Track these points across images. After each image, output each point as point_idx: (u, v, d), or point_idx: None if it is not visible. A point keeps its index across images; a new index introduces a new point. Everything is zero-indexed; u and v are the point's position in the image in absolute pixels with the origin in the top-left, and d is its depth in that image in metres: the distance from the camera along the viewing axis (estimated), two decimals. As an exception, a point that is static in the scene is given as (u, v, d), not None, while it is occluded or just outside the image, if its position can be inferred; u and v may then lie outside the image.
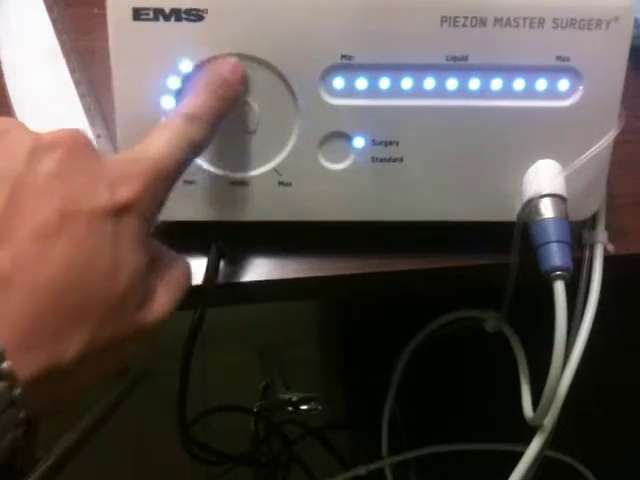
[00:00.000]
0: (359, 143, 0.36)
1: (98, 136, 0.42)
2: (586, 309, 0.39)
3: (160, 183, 0.29)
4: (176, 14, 0.33)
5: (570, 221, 0.35)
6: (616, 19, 0.34)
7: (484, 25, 0.34)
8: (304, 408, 0.74)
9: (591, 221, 0.40)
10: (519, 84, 0.36)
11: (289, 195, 0.37)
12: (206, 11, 0.33)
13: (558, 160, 0.36)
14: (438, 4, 0.34)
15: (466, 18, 0.34)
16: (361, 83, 0.35)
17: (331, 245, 0.40)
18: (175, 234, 0.39)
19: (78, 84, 0.44)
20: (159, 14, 0.33)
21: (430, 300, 0.52)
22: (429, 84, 0.35)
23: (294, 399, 0.75)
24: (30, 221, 0.25)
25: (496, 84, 0.35)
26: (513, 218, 0.37)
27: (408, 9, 0.34)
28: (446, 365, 0.64)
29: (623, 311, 0.48)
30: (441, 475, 0.66)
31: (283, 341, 0.93)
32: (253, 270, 0.39)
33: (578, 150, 0.36)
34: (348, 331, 0.79)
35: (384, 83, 0.35)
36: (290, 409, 0.75)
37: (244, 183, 0.37)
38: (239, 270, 0.39)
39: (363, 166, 0.37)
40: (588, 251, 0.40)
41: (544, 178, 0.36)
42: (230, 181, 0.37)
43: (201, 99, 0.32)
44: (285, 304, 0.43)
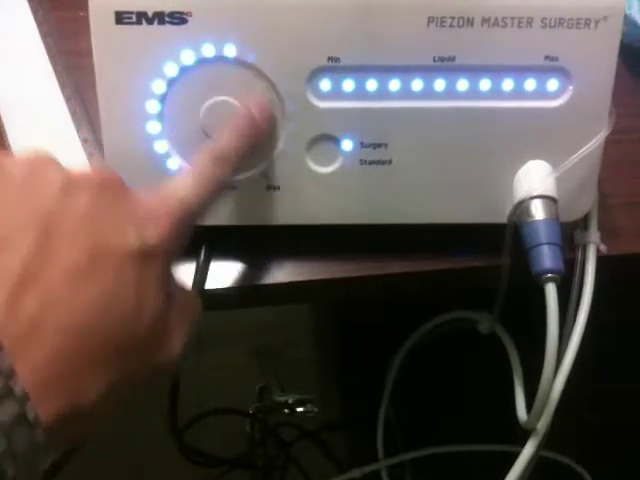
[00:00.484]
0: (347, 146, 0.36)
1: (85, 140, 0.42)
2: (579, 310, 0.38)
3: (185, 224, 0.29)
4: (159, 17, 0.33)
5: (562, 222, 0.35)
6: (605, 18, 0.34)
7: (471, 25, 0.34)
8: (300, 410, 0.74)
9: (583, 222, 0.40)
10: (508, 84, 0.35)
11: (277, 199, 0.37)
12: (190, 14, 0.33)
13: (549, 161, 0.36)
14: (425, 5, 0.33)
15: (453, 18, 0.33)
16: (348, 85, 0.35)
17: (325, 249, 0.39)
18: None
19: (64, 87, 0.44)
20: (142, 17, 0.33)
21: (424, 301, 0.52)
22: (417, 85, 0.35)
23: (290, 401, 0.75)
24: (59, 263, 0.25)
25: (484, 85, 0.35)
26: (504, 220, 0.36)
27: (394, 10, 0.33)
28: (441, 366, 0.63)
29: (616, 312, 0.48)
30: (437, 477, 0.66)
31: (279, 343, 0.93)
32: (242, 275, 0.39)
33: (569, 150, 0.36)
34: (343, 333, 0.79)
35: (371, 85, 0.35)
36: (286, 411, 0.75)
37: (232, 187, 0.37)
38: (228, 275, 0.39)
39: (352, 169, 0.37)
40: (580, 252, 0.39)
41: (535, 179, 0.36)
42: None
43: (231, 140, 0.33)
44: (280, 306, 0.43)
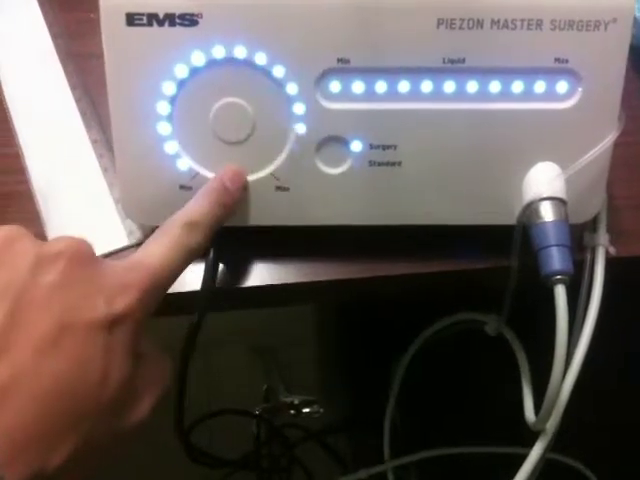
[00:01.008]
0: (357, 147, 0.36)
1: (95, 141, 0.42)
2: (588, 312, 0.38)
3: (155, 293, 0.30)
4: (170, 19, 0.33)
5: (571, 224, 0.35)
6: (615, 20, 0.34)
7: (481, 27, 0.34)
8: (305, 411, 0.74)
9: (592, 223, 0.40)
10: (517, 86, 0.35)
11: (287, 200, 0.37)
12: (200, 16, 0.33)
13: (558, 163, 0.36)
14: (434, 6, 0.33)
15: (463, 20, 0.33)
16: (358, 87, 0.35)
17: (331, 249, 0.39)
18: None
19: (74, 88, 0.44)
20: (153, 19, 0.33)
21: (431, 303, 0.52)
22: (426, 87, 0.35)
23: (295, 402, 0.75)
24: (30, 334, 0.26)
25: (494, 87, 0.35)
26: (513, 221, 0.36)
27: (404, 12, 0.33)
28: (447, 368, 0.63)
29: (624, 313, 0.48)
30: (443, 478, 0.66)
31: (284, 344, 0.93)
32: (252, 275, 0.39)
33: (578, 152, 0.36)
34: (349, 334, 0.79)
35: (381, 86, 0.35)
36: (292, 412, 0.75)
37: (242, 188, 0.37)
38: (238, 275, 0.39)
39: (361, 170, 0.37)
40: (589, 254, 0.39)
41: (544, 181, 0.36)
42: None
43: (202, 206, 0.34)
44: (286, 307, 0.43)
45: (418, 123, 0.36)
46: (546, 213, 0.35)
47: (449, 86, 0.35)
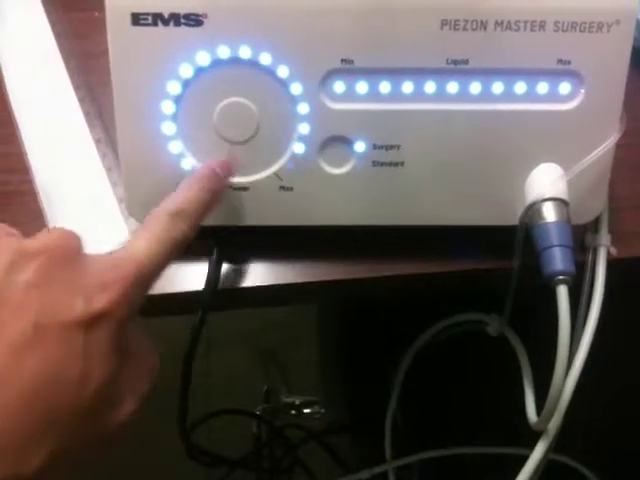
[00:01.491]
0: (360, 147, 0.36)
1: (98, 140, 0.42)
2: (589, 312, 0.39)
3: (140, 287, 0.29)
4: (175, 19, 0.33)
5: (573, 224, 0.35)
6: (617, 22, 0.34)
7: (485, 28, 0.34)
8: (307, 411, 0.74)
9: (594, 224, 0.40)
10: (520, 87, 0.35)
11: (290, 200, 0.37)
12: (205, 16, 0.33)
13: (560, 164, 0.36)
14: (438, 7, 0.33)
15: (467, 21, 0.34)
16: (362, 87, 0.35)
17: (333, 250, 0.40)
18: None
19: (77, 88, 0.44)
20: (158, 19, 0.33)
21: (432, 303, 0.52)
22: (430, 88, 0.35)
23: (297, 402, 0.75)
24: (6, 334, 0.25)
25: (497, 88, 0.35)
26: (515, 222, 0.37)
27: (408, 12, 0.34)
28: (449, 368, 0.63)
29: (625, 314, 0.48)
30: (444, 479, 0.66)
31: (286, 344, 0.93)
32: (255, 275, 0.39)
33: (580, 153, 0.36)
34: (351, 334, 0.79)
35: (385, 87, 0.35)
36: (293, 412, 0.75)
37: (245, 188, 0.37)
38: (241, 275, 0.39)
39: (364, 170, 0.37)
40: (591, 254, 0.40)
41: (546, 182, 0.36)
42: (231, 186, 0.37)
43: (190, 193, 0.33)
44: (287, 308, 0.43)
45: (421, 124, 0.36)
46: (548, 214, 0.35)
47: (452, 87, 0.35)
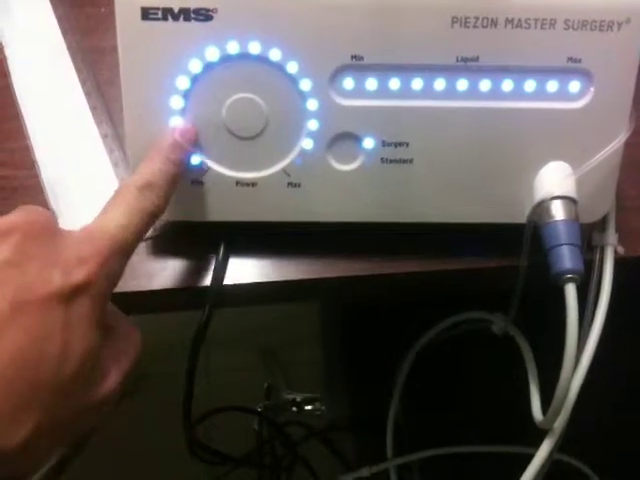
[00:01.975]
0: (369, 144, 0.36)
1: (105, 136, 0.42)
2: (597, 311, 0.39)
3: (117, 259, 0.29)
4: (185, 14, 0.33)
5: (580, 223, 0.35)
6: (628, 20, 0.34)
7: (495, 26, 0.34)
8: (308, 409, 0.74)
9: (601, 223, 0.40)
10: (530, 85, 0.35)
11: (298, 196, 0.37)
12: (215, 10, 0.33)
13: (569, 162, 0.36)
14: (449, 5, 0.33)
15: (477, 19, 0.33)
16: (371, 84, 0.35)
17: (338, 247, 0.40)
18: (183, 234, 0.39)
19: (84, 83, 0.44)
20: (168, 14, 0.33)
21: (436, 301, 0.52)
22: (439, 85, 0.35)
23: (298, 399, 0.75)
24: None
25: (507, 85, 0.35)
26: (523, 220, 0.37)
27: (419, 9, 0.34)
28: (452, 367, 0.63)
29: (632, 312, 0.48)
30: (446, 477, 0.66)
31: (287, 342, 0.93)
32: (259, 271, 0.39)
33: (589, 152, 0.36)
34: (352, 332, 0.78)
35: (394, 84, 0.35)
36: (294, 409, 0.75)
37: (253, 184, 0.37)
38: (246, 271, 0.39)
39: (373, 167, 0.37)
40: (598, 253, 0.40)
41: (555, 180, 0.36)
42: (239, 182, 0.37)
43: (154, 165, 0.33)
44: (289, 305, 0.43)
45: (430, 121, 0.36)
46: (557, 212, 0.35)
47: (462, 84, 0.35)
